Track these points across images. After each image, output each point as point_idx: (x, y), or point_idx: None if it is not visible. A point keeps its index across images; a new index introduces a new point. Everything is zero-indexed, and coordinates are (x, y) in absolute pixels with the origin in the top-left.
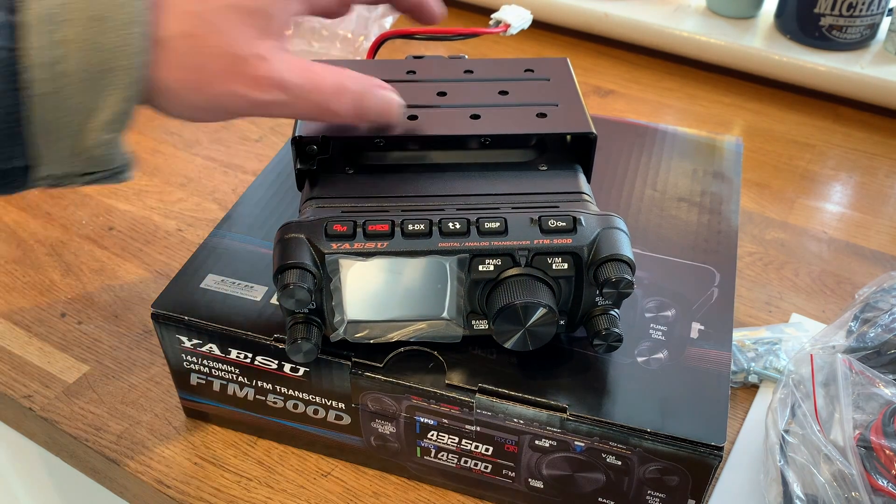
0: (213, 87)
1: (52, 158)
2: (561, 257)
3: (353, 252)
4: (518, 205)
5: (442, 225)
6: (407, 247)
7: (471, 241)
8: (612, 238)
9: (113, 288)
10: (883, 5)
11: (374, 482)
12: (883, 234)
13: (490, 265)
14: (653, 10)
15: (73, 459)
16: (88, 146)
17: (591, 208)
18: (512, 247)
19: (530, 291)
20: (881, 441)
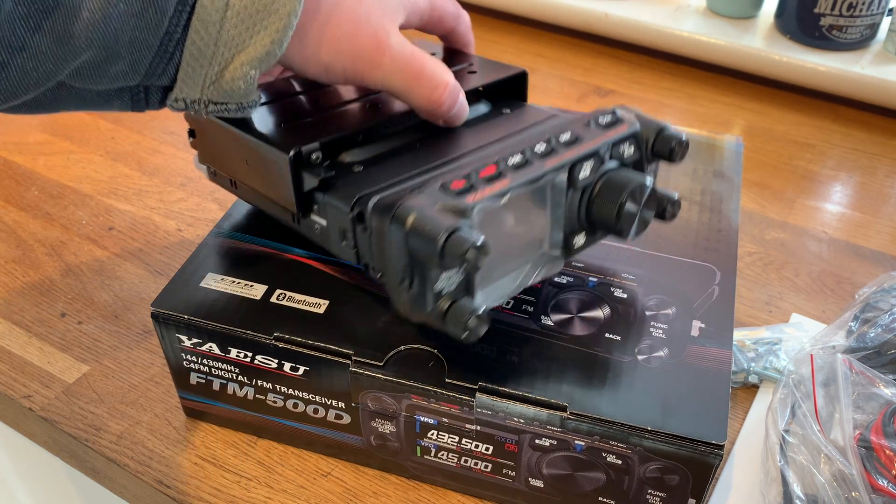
0: (343, 49)
1: (194, 83)
2: (628, 143)
3: (490, 196)
4: (537, 134)
5: (533, 150)
6: (524, 177)
7: (565, 153)
8: (645, 118)
9: (113, 288)
10: (883, 5)
11: (374, 482)
12: (883, 234)
13: (587, 169)
14: (653, 10)
15: (73, 459)
16: (231, 78)
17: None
18: (598, 145)
19: (632, 176)
20: (881, 441)
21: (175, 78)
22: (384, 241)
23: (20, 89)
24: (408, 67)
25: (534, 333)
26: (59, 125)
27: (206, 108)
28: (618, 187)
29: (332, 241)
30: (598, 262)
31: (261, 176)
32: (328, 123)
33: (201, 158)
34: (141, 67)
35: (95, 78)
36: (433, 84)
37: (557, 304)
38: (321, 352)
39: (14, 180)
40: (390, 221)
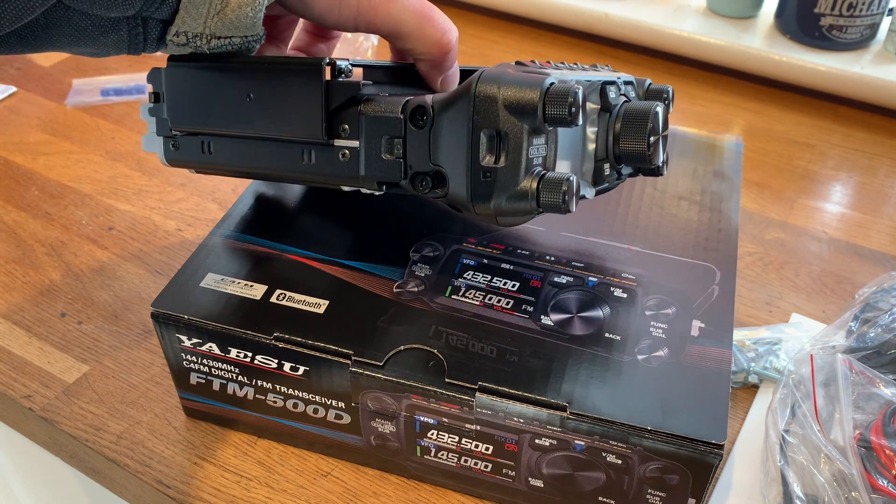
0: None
1: (197, 13)
2: (631, 87)
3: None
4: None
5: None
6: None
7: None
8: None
9: (113, 288)
10: (883, 5)
11: (374, 482)
12: (883, 234)
13: (613, 92)
14: (653, 10)
15: (73, 459)
16: (238, 5)
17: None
18: (616, 76)
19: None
20: (881, 441)
21: (177, 9)
22: (460, 126)
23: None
24: (421, 6)
25: (534, 333)
26: (59, 125)
27: (208, 42)
28: (641, 114)
29: (366, 163)
30: (598, 262)
31: (270, 110)
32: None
33: (173, 122)
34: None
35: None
36: (444, 28)
37: (557, 304)
38: (321, 352)
39: (14, 180)
40: (473, 98)
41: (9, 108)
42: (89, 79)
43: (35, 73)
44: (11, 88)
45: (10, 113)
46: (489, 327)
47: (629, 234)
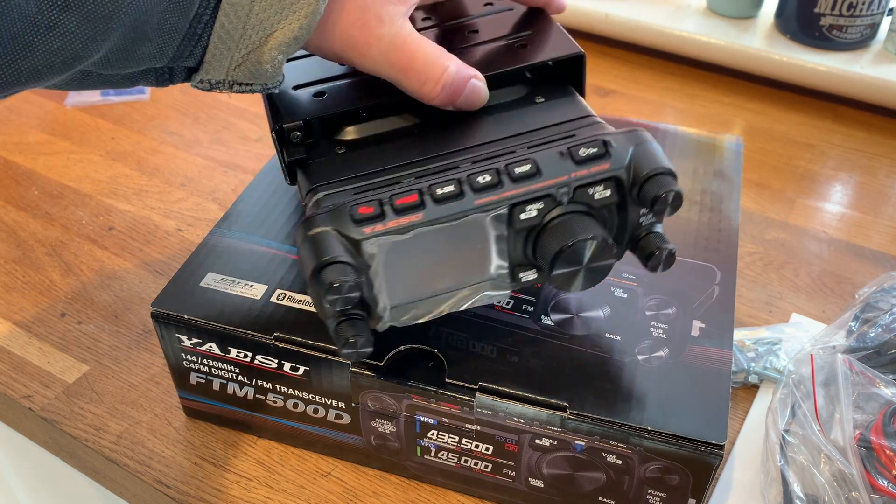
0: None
1: (220, 65)
2: (602, 185)
3: (389, 231)
4: (534, 142)
5: (472, 181)
6: (443, 213)
7: (506, 191)
8: (649, 152)
9: (113, 288)
10: (883, 5)
11: (374, 482)
12: (883, 234)
13: (532, 211)
14: (653, 10)
15: (73, 459)
16: (257, 61)
17: (608, 128)
18: (551, 186)
19: (582, 228)
20: (881, 441)
21: (202, 60)
22: None
23: (45, 72)
24: (396, 58)
25: (534, 333)
26: (59, 125)
27: (230, 88)
28: (557, 237)
29: None
30: None
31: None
32: (338, 97)
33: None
34: (169, 50)
35: (123, 62)
36: (423, 78)
37: (557, 304)
38: (321, 352)
39: (14, 180)
40: (300, 228)
41: (9, 108)
42: None
43: None
44: None
45: (10, 113)
46: (489, 327)
47: None
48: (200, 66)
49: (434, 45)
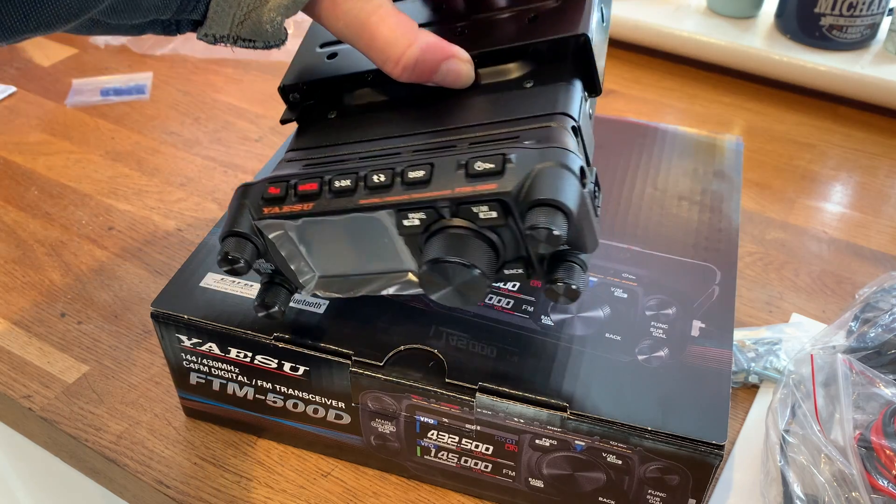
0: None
1: (223, 21)
2: (488, 205)
3: (282, 216)
4: (479, 139)
5: (367, 179)
6: (331, 206)
7: (392, 195)
8: (548, 177)
9: (113, 288)
10: (883, 5)
11: (374, 482)
12: (883, 234)
13: (415, 220)
14: (653, 10)
15: (72, 459)
16: (257, 21)
17: (554, 135)
18: (434, 199)
19: (455, 248)
20: (881, 441)
21: (206, 14)
22: None
23: (54, 20)
24: (360, 33)
25: (534, 333)
26: (59, 125)
27: (234, 43)
28: (429, 251)
29: None
30: (598, 262)
31: None
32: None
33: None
34: (173, 3)
35: (129, 12)
36: (384, 57)
37: (557, 304)
38: (321, 352)
39: (14, 180)
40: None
41: (9, 107)
42: (89, 79)
43: (35, 73)
44: (11, 88)
45: (9, 113)
46: (489, 327)
47: (629, 234)
48: (205, 19)
49: (401, 23)
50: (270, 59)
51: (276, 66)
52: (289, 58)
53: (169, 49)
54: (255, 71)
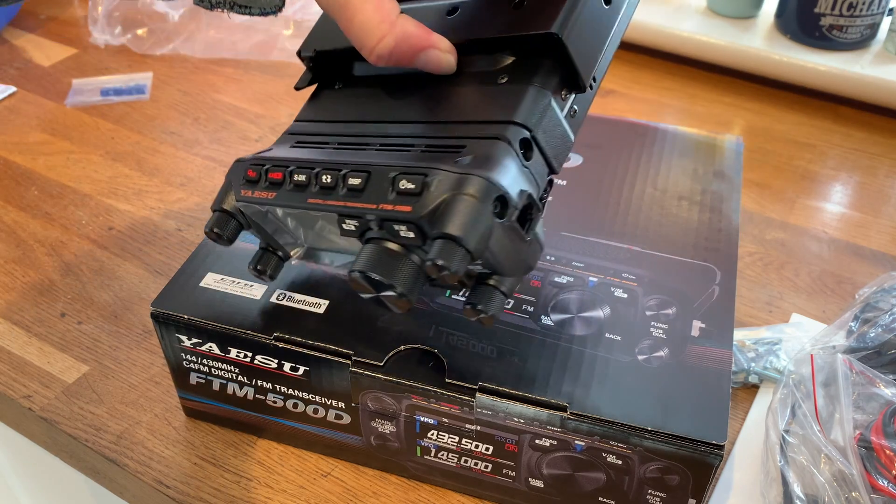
0: None
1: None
2: (406, 226)
3: (251, 200)
4: (433, 142)
5: (318, 178)
6: (287, 199)
7: (332, 199)
8: (454, 209)
9: (113, 288)
10: (883, 5)
11: (374, 482)
12: (883, 234)
13: (351, 225)
14: (653, 10)
15: (72, 460)
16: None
17: (491, 154)
18: (361, 210)
19: (377, 265)
20: (881, 441)
21: None
22: None
23: None
24: (339, 16)
25: (534, 333)
26: (59, 125)
27: (230, 8)
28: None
29: None
30: (598, 262)
31: None
32: None
33: None
34: None
35: None
36: (359, 44)
37: (557, 304)
38: (321, 352)
39: (14, 180)
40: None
41: (8, 107)
42: (89, 79)
43: (35, 73)
44: (11, 88)
45: (9, 113)
46: (489, 327)
47: (629, 234)
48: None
49: (381, 8)
50: (270, 59)
51: (275, 66)
52: (288, 57)
53: (169, 49)
54: (254, 71)
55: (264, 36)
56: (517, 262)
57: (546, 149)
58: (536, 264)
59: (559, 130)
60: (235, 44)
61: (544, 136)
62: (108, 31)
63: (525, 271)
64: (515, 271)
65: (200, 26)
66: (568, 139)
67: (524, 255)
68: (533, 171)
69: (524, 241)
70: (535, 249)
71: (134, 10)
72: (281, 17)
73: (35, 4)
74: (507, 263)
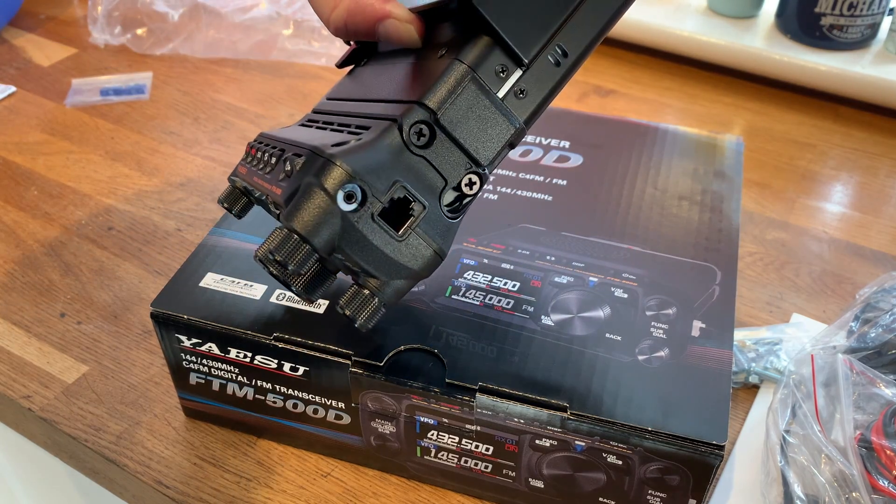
0: None
1: None
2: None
3: (237, 175)
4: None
5: (266, 157)
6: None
7: (256, 178)
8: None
9: (112, 288)
10: (883, 5)
11: (374, 482)
12: (884, 234)
13: (272, 206)
14: (653, 10)
15: (72, 460)
16: None
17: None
18: (263, 189)
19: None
20: (882, 441)
21: None
22: None
23: None
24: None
25: (534, 333)
26: (59, 125)
27: None
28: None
29: None
30: (598, 262)
31: None
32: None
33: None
34: None
35: None
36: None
37: (557, 304)
38: (321, 352)
39: (13, 180)
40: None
41: (8, 107)
42: (88, 79)
43: (34, 73)
44: (11, 88)
45: (9, 113)
46: (489, 327)
47: (629, 234)
48: None
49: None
50: (270, 59)
51: (275, 66)
52: (288, 57)
53: (169, 49)
54: (254, 71)
55: (264, 36)
56: (389, 264)
57: (459, 135)
58: (430, 271)
59: (485, 114)
60: (235, 44)
61: (457, 120)
62: (107, 31)
63: (408, 276)
64: (391, 275)
65: (200, 26)
66: (503, 125)
67: (399, 258)
68: (432, 160)
69: (396, 241)
70: (418, 253)
71: (134, 9)
72: (281, 17)
73: (35, 4)
74: (374, 265)
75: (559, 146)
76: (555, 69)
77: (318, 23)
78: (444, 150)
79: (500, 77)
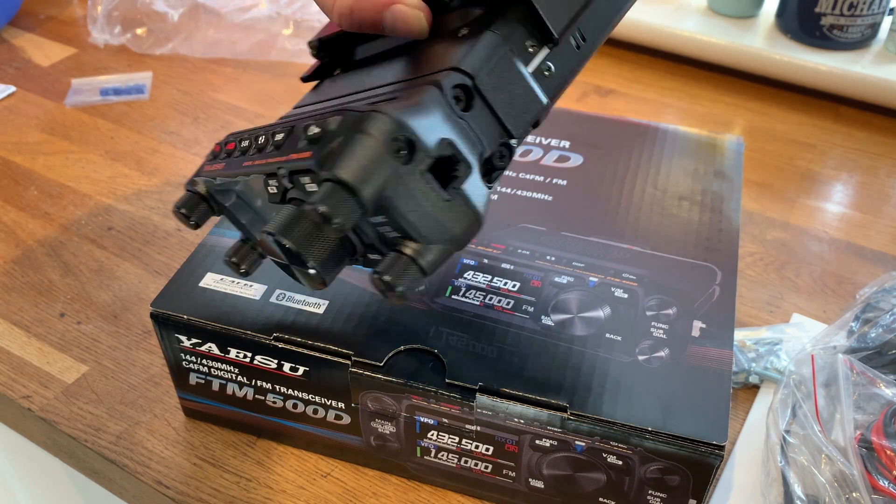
0: None
1: None
2: (310, 177)
3: (206, 173)
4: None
5: (257, 141)
6: (231, 169)
7: (259, 159)
8: (345, 148)
9: (112, 288)
10: (884, 5)
11: (374, 482)
12: (884, 235)
13: (273, 187)
14: (653, 10)
15: (72, 460)
16: None
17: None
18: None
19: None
20: (882, 441)
21: None
22: None
23: None
24: None
25: (534, 333)
26: (58, 125)
27: None
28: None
29: None
30: (598, 262)
31: None
32: None
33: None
34: None
35: None
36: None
37: (557, 304)
38: (321, 352)
39: (13, 180)
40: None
41: (8, 107)
42: (88, 78)
43: (34, 73)
44: (10, 88)
45: (9, 113)
46: (489, 327)
47: (629, 234)
48: None
49: None
50: (269, 59)
51: (275, 65)
52: (288, 57)
53: (168, 49)
54: (254, 70)
55: (264, 36)
56: (433, 225)
57: (494, 103)
58: (469, 237)
59: (518, 86)
60: (235, 44)
61: (493, 88)
62: (107, 31)
63: (451, 242)
64: (433, 237)
65: (200, 26)
66: (534, 99)
67: (444, 219)
68: (472, 125)
69: (443, 200)
70: (462, 215)
71: (133, 9)
72: (281, 16)
73: (35, 4)
74: (419, 224)
75: (559, 146)
76: (575, 52)
77: (318, 23)
78: (481, 118)
79: (530, 53)
